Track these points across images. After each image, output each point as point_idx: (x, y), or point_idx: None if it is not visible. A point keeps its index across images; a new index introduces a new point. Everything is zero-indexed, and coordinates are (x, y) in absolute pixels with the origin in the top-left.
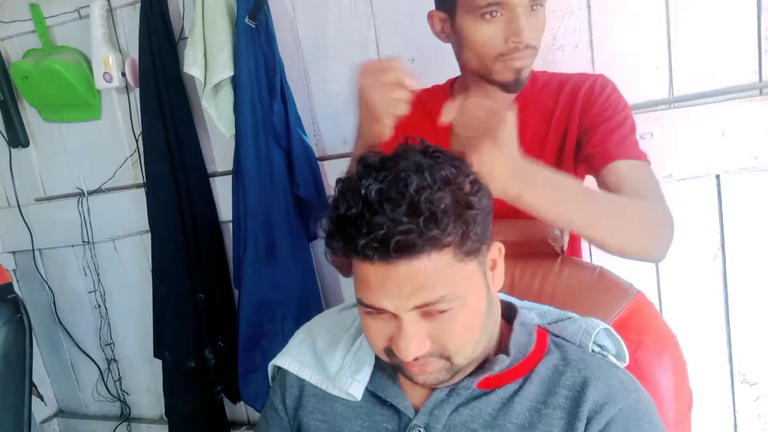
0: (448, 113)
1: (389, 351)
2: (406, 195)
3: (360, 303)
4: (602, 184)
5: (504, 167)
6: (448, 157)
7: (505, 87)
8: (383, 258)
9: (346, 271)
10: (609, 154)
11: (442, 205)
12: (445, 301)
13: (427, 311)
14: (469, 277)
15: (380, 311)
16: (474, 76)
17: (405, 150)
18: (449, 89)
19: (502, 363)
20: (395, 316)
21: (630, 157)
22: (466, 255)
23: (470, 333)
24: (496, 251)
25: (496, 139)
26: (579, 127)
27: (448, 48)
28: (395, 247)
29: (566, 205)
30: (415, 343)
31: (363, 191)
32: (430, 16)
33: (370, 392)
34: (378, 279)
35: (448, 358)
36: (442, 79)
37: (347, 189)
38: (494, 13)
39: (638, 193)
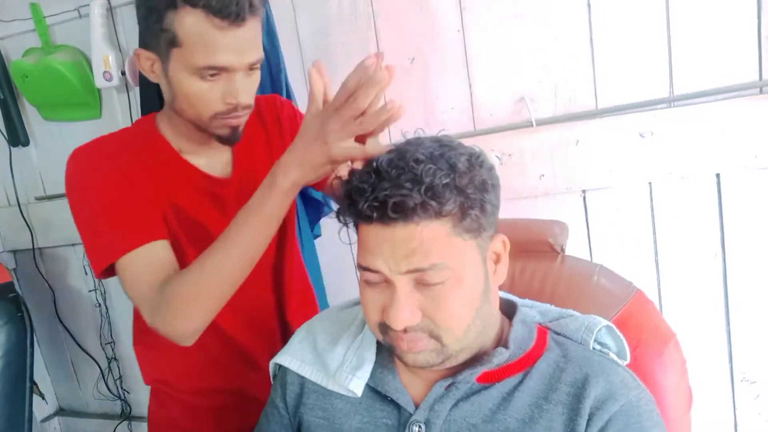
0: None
1: (383, 326)
2: (412, 167)
3: (360, 268)
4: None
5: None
6: (462, 148)
7: (221, 140)
8: (381, 219)
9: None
10: None
11: (445, 180)
12: (436, 269)
13: (420, 279)
14: (465, 254)
15: (376, 274)
16: (188, 123)
17: (418, 138)
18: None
19: (501, 356)
20: (390, 286)
21: None
22: (465, 231)
23: (463, 311)
24: (500, 244)
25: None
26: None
27: (448, 48)
28: (393, 208)
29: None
30: (405, 312)
31: (374, 163)
32: (136, 54)
33: (371, 388)
34: (376, 240)
35: (438, 338)
36: (442, 78)
37: (362, 167)
38: (213, 75)
39: None
